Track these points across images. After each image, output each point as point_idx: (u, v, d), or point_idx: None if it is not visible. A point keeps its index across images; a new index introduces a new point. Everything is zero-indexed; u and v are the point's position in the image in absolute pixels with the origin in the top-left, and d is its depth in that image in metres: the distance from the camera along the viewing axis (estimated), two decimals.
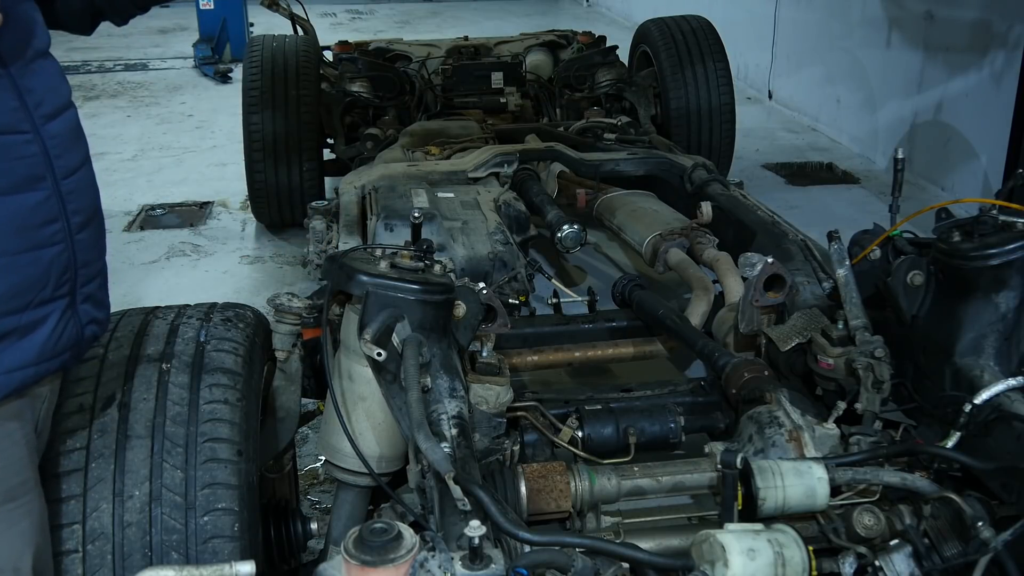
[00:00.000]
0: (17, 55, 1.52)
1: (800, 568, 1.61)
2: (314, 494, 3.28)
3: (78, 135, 1.65)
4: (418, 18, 13.36)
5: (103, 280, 1.72)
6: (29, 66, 1.55)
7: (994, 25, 5.68)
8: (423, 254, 2.20)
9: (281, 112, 5.08)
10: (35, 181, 1.53)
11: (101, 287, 1.70)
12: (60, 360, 1.60)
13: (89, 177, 1.67)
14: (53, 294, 1.56)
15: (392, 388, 2.00)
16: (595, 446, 2.40)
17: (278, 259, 5.33)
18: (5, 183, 1.49)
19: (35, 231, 1.53)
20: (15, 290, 1.50)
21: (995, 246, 2.15)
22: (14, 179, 1.50)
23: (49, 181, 1.55)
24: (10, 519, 1.56)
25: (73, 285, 1.61)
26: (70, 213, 1.58)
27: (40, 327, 1.55)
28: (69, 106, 1.64)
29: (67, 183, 1.58)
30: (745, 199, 3.57)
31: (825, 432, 2.11)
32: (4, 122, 1.49)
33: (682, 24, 5.81)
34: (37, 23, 1.60)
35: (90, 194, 1.67)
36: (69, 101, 1.65)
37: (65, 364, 1.64)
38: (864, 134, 7.14)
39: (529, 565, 1.47)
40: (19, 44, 1.53)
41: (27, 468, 1.60)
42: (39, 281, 1.54)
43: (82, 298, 1.63)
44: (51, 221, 1.55)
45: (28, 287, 1.52)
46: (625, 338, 3.09)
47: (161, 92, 9.19)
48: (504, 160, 3.95)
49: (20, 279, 1.51)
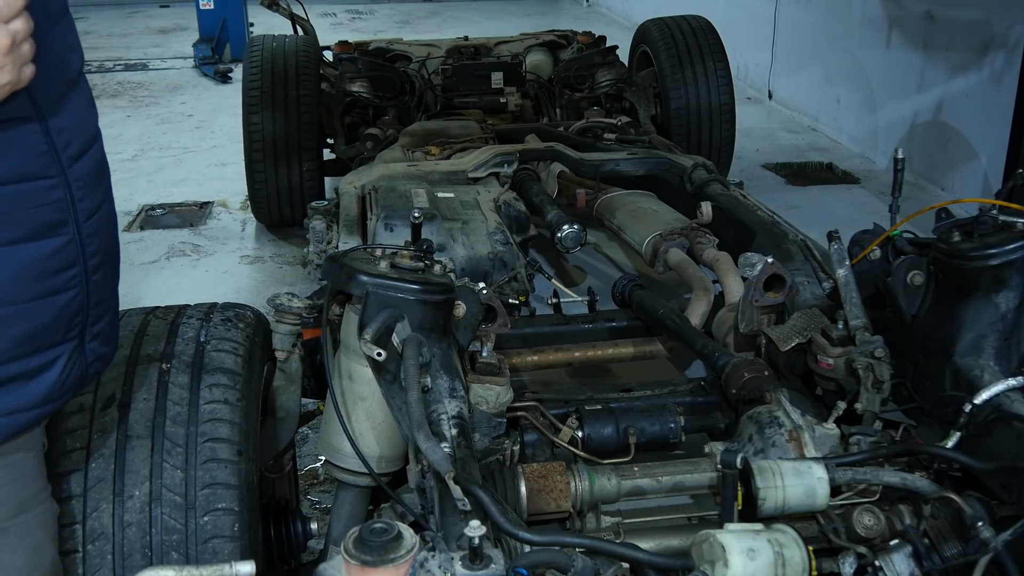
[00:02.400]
0: (48, 91, 1.42)
1: (800, 568, 1.61)
2: (314, 494, 3.28)
3: (102, 171, 1.57)
4: (418, 18, 13.35)
5: (114, 315, 1.66)
6: (60, 102, 1.45)
7: (994, 25, 5.68)
8: (423, 254, 2.20)
9: (281, 112, 5.08)
10: (57, 227, 1.45)
11: (111, 322, 1.64)
12: (63, 400, 1.56)
13: (108, 214, 1.59)
14: (64, 337, 1.51)
15: (392, 388, 2.00)
16: (595, 446, 2.40)
17: (278, 259, 5.33)
18: (26, 231, 1.41)
19: (52, 277, 1.46)
20: (26, 336, 1.44)
21: (995, 246, 2.15)
22: (35, 226, 1.42)
23: (71, 226, 1.47)
24: (24, 530, 1.54)
25: (84, 326, 1.54)
26: (88, 256, 1.51)
27: (47, 371, 1.49)
28: (95, 139, 1.56)
29: (87, 225, 1.50)
30: (745, 199, 3.57)
31: (825, 432, 2.11)
32: (30, 168, 1.40)
33: (682, 24, 5.81)
34: (72, 47, 1.50)
35: (109, 232, 1.58)
36: (95, 132, 1.56)
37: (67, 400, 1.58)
38: (864, 134, 7.14)
39: (529, 565, 1.47)
40: (51, 78, 1.42)
41: (38, 479, 1.58)
42: (51, 327, 1.48)
43: (90, 337, 1.57)
44: (69, 266, 1.48)
45: (40, 333, 1.46)
46: (625, 338, 3.09)
47: (161, 92, 9.19)
48: (504, 160, 3.95)
49: (32, 326, 1.45)
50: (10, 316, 1.42)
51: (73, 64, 1.51)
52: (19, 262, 1.41)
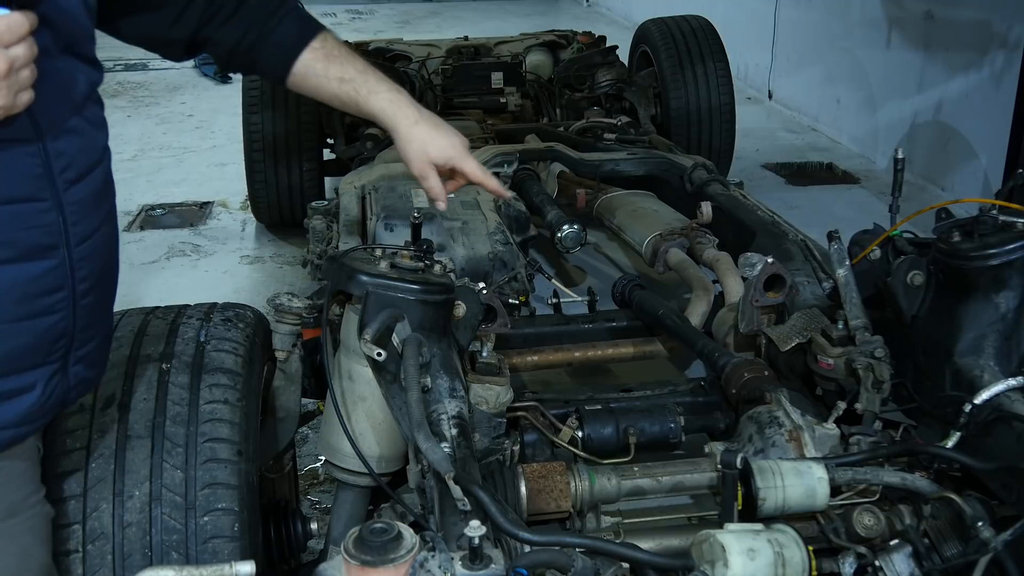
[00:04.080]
0: (52, 114, 1.39)
1: (800, 568, 1.61)
2: (314, 494, 3.28)
3: (103, 193, 1.53)
4: (418, 18, 13.35)
5: (103, 339, 1.62)
6: (64, 124, 1.42)
7: (994, 25, 5.68)
8: (423, 254, 2.19)
9: (281, 112, 5.07)
10: (46, 250, 1.41)
11: (99, 346, 1.60)
12: (42, 422, 1.52)
13: (106, 236, 1.54)
14: (45, 359, 1.46)
15: (392, 388, 2.00)
16: (595, 446, 2.39)
17: (278, 259, 5.33)
18: (12, 252, 1.37)
19: (36, 300, 1.42)
20: (3, 356, 1.40)
21: (995, 246, 2.15)
22: (22, 248, 1.38)
23: (61, 249, 1.43)
24: (12, 534, 1.53)
25: (67, 350, 1.50)
26: (77, 281, 1.47)
27: (27, 392, 1.45)
28: (101, 160, 1.52)
29: (80, 249, 1.46)
30: (745, 199, 3.57)
31: (825, 432, 2.11)
32: (22, 191, 1.37)
33: (682, 24, 5.80)
34: (79, 70, 1.46)
35: (105, 255, 1.54)
36: (102, 153, 1.53)
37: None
38: (864, 134, 7.14)
39: (529, 565, 1.47)
40: (56, 103, 1.39)
41: (28, 484, 1.56)
42: (32, 348, 1.44)
43: (74, 360, 1.52)
44: (55, 290, 1.44)
45: (20, 354, 1.42)
46: (625, 338, 3.08)
47: (161, 92, 9.18)
48: (504, 160, 3.95)
49: (11, 346, 1.41)
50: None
51: (81, 87, 1.47)
52: (4, 282, 1.38)
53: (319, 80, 2.02)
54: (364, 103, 2.04)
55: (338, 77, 2.01)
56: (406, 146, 2.09)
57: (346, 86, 2.02)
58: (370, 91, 2.03)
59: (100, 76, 1.53)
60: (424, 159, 2.09)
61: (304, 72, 2.00)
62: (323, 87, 2.03)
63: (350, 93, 2.03)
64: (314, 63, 2.00)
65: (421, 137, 2.07)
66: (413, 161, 2.10)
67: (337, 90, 2.03)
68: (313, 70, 2.00)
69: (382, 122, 2.07)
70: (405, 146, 2.09)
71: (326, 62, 2.00)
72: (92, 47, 1.51)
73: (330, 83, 2.02)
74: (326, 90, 2.03)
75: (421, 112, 2.09)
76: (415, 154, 2.09)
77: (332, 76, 2.01)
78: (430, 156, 2.09)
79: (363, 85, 2.02)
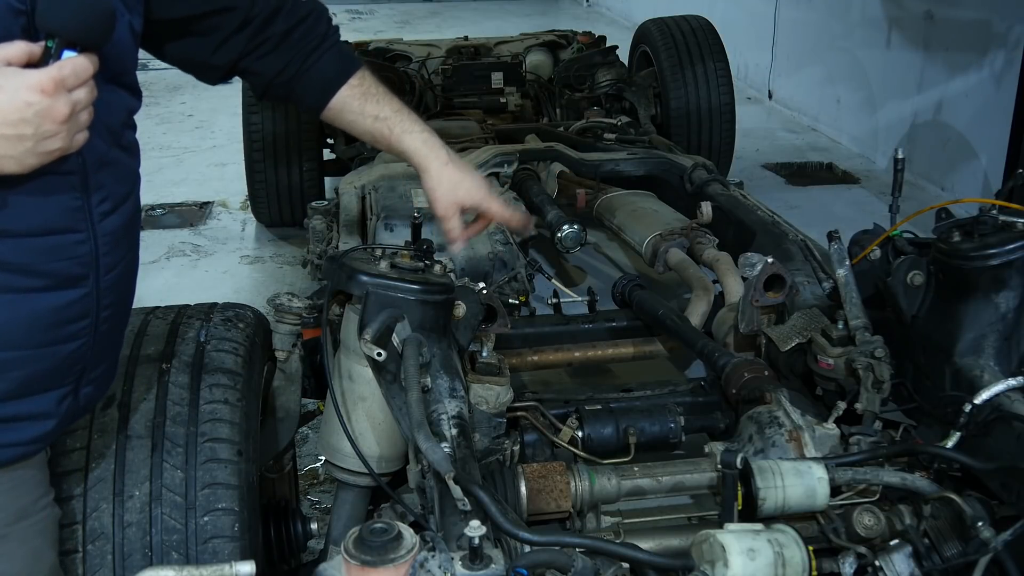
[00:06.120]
0: (95, 149, 1.39)
1: (800, 568, 1.61)
2: (314, 494, 3.28)
3: (132, 223, 1.54)
4: (418, 18, 13.35)
5: (113, 359, 1.64)
6: (106, 156, 1.43)
7: (994, 25, 5.68)
8: (423, 254, 2.20)
9: (281, 112, 5.07)
10: (76, 280, 1.43)
11: (109, 367, 1.62)
12: (52, 439, 1.54)
13: (129, 265, 1.56)
14: (62, 382, 1.49)
15: (392, 388, 2.00)
16: (595, 446, 2.39)
17: (278, 259, 5.33)
18: (46, 281, 1.39)
19: (64, 327, 1.44)
20: (25, 380, 1.42)
21: (995, 246, 2.15)
22: (58, 279, 1.41)
23: (91, 279, 1.45)
24: (23, 536, 1.53)
25: (82, 372, 1.52)
26: (101, 308, 1.49)
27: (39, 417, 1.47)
28: (133, 190, 1.53)
29: (107, 279, 1.48)
30: (745, 199, 3.57)
31: (825, 432, 2.11)
32: (60, 223, 1.39)
33: (682, 24, 5.80)
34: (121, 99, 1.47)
35: (127, 283, 1.57)
36: (135, 181, 1.54)
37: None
38: (864, 134, 7.14)
39: (529, 565, 1.47)
40: (97, 135, 1.38)
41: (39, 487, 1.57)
42: (52, 373, 1.46)
43: (87, 382, 1.55)
44: (82, 318, 1.46)
45: (37, 379, 1.44)
46: (625, 338, 3.08)
47: (161, 92, 9.17)
48: (504, 160, 3.95)
49: (32, 372, 1.43)
50: (14, 360, 1.40)
51: (120, 115, 1.48)
52: (35, 310, 1.40)
53: (354, 116, 2.05)
54: (397, 142, 2.07)
55: (373, 115, 2.05)
56: (436, 186, 2.11)
57: (380, 124, 2.06)
58: (404, 131, 2.07)
59: (139, 103, 1.54)
60: (453, 200, 2.11)
61: (340, 107, 2.04)
62: (358, 123, 2.07)
63: (383, 131, 2.07)
64: (351, 100, 2.04)
65: (452, 179, 2.10)
66: (441, 201, 2.12)
67: (371, 127, 2.07)
68: (349, 106, 2.04)
69: (414, 162, 2.11)
70: (435, 186, 2.11)
71: (363, 100, 2.04)
72: (135, 75, 1.52)
73: (365, 120, 2.05)
74: (360, 126, 2.07)
75: (451, 154, 2.13)
76: (444, 195, 2.11)
77: (368, 114, 2.05)
78: (459, 198, 2.11)
79: (397, 124, 2.06)
